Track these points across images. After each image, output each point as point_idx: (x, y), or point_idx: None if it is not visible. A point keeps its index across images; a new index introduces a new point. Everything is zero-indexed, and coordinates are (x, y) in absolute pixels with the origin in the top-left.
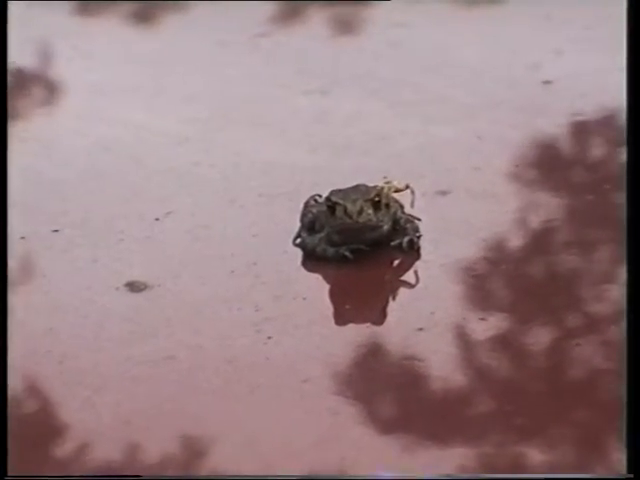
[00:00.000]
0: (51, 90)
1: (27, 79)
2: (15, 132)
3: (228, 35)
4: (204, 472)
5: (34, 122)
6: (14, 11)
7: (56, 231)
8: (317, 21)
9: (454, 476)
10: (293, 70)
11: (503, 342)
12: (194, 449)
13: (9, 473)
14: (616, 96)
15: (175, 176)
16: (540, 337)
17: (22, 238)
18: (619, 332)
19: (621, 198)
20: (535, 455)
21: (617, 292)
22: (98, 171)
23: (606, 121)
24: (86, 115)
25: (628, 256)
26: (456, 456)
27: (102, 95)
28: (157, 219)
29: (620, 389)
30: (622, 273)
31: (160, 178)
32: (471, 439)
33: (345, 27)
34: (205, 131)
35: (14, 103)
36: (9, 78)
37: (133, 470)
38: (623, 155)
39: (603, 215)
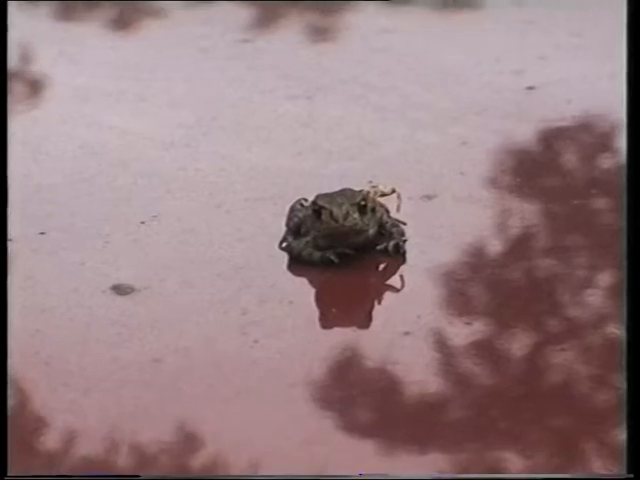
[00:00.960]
0: (36, 94)
1: (12, 83)
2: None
3: (210, 41)
4: (190, 475)
5: (20, 126)
6: None
7: (43, 234)
8: (299, 27)
9: (454, 476)
10: (276, 75)
11: (488, 347)
12: (180, 452)
13: (9, 473)
14: (600, 102)
15: (161, 180)
16: (524, 342)
17: (9, 240)
18: (600, 337)
19: (606, 203)
20: (515, 461)
21: (599, 298)
22: (84, 175)
23: (590, 127)
24: (72, 119)
25: (628, 260)
26: (439, 460)
27: (87, 100)
28: (143, 223)
29: (601, 395)
30: (604, 278)
31: (146, 182)
32: (453, 444)
33: (328, 33)
34: (190, 136)
35: None
36: None
37: (116, 473)
38: (607, 161)
39: (587, 220)
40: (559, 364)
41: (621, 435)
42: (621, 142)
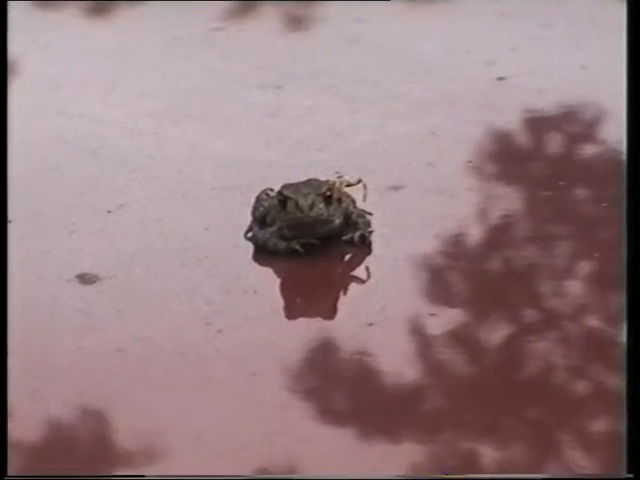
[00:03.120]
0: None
1: None
2: None
3: (183, 30)
4: (153, 465)
5: None
6: None
7: (9, 222)
8: (272, 17)
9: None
10: (248, 65)
11: (455, 337)
12: (143, 442)
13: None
14: (571, 93)
15: (128, 169)
16: (494, 333)
17: None
18: (578, 328)
19: (574, 193)
20: (488, 452)
21: (575, 288)
22: (53, 163)
23: (561, 117)
24: (42, 107)
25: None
26: (407, 452)
27: (58, 88)
28: (109, 211)
29: (578, 386)
30: (580, 268)
31: (113, 171)
32: (422, 435)
33: (301, 23)
34: (159, 125)
35: None
36: None
37: (80, 463)
38: (578, 151)
39: (558, 210)
40: (534, 355)
41: (597, 426)
42: (596, 131)
